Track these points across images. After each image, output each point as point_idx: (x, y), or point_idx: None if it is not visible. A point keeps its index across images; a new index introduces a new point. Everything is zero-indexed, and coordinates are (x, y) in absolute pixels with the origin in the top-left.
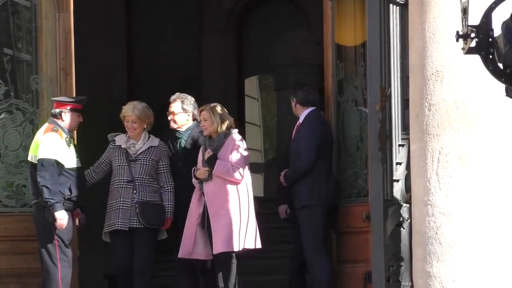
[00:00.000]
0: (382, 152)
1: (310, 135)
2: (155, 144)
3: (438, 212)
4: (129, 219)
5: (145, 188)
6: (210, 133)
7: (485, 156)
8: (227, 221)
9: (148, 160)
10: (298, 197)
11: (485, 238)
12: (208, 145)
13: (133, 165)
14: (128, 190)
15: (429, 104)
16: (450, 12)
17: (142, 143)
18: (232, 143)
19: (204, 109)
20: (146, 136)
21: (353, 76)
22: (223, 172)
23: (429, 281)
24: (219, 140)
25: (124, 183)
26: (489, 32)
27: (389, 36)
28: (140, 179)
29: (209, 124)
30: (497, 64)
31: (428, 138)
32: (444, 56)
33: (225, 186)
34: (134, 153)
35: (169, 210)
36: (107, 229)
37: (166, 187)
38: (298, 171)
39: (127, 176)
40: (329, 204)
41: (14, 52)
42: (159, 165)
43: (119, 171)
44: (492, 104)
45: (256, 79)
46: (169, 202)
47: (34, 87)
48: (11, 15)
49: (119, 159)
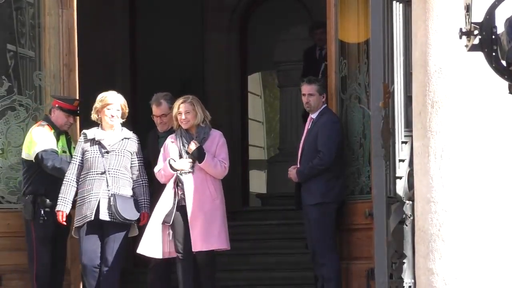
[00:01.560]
0: (385, 149)
1: (331, 132)
2: (129, 136)
3: (441, 209)
4: (101, 212)
5: (119, 180)
6: (191, 126)
7: (489, 153)
8: (209, 217)
9: (123, 152)
10: (312, 194)
11: (488, 236)
12: (189, 138)
13: (107, 156)
14: (101, 182)
15: (432, 101)
16: (453, 9)
17: (116, 135)
18: (217, 137)
19: (186, 101)
20: (119, 128)
21: (356, 73)
22: (211, 165)
23: (431, 278)
24: (205, 133)
25: (97, 175)
26: (492, 29)
27: (392, 33)
28: (113, 170)
29: (192, 116)
30: (500, 61)
31: (431, 135)
32: (447, 53)
33: (207, 181)
34: (109, 144)
35: (145, 204)
36: (78, 223)
37: (141, 181)
38: (318, 168)
39: (100, 168)
40: (340, 201)
41: (18, 48)
42: (133, 157)
43: (92, 163)
44: (495, 101)
45: (259, 76)
46: (144, 196)
47: (37, 83)
48: (15, 11)
49: (92, 151)
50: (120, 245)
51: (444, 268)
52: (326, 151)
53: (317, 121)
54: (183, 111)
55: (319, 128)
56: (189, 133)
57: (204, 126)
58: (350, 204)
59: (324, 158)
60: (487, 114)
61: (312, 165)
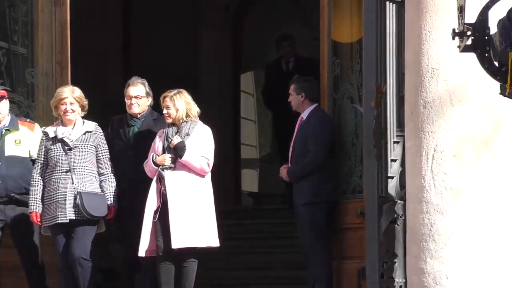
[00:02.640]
0: (377, 149)
1: (321, 132)
2: (90, 129)
3: (433, 209)
4: (69, 211)
5: (84, 177)
6: (174, 121)
7: (481, 153)
8: (189, 214)
9: (86, 147)
10: (303, 194)
11: (479, 236)
12: (172, 132)
13: (70, 154)
14: (67, 180)
15: (424, 101)
16: (446, 10)
17: (77, 130)
18: (201, 133)
19: (168, 96)
20: (80, 122)
21: (349, 73)
22: (192, 161)
23: (422, 278)
24: (188, 128)
25: (62, 173)
26: (485, 30)
27: (385, 33)
28: (79, 167)
29: (172, 112)
30: (493, 62)
31: (423, 135)
32: (440, 53)
33: (189, 177)
34: (71, 141)
35: (111, 198)
36: (48, 223)
37: (107, 174)
38: (308, 168)
39: (65, 166)
40: (331, 201)
41: (10, 45)
42: (98, 151)
43: (57, 161)
44: (487, 101)
45: (252, 75)
46: (110, 190)
47: (29, 80)
48: (8, 8)
49: (55, 149)
50: (89, 240)
51: (435, 267)
52: (316, 151)
53: (307, 121)
54: (165, 106)
55: (309, 128)
56: (178, 127)
57: (188, 121)
58: (342, 204)
59: (314, 157)
60: (479, 114)
61: (303, 164)
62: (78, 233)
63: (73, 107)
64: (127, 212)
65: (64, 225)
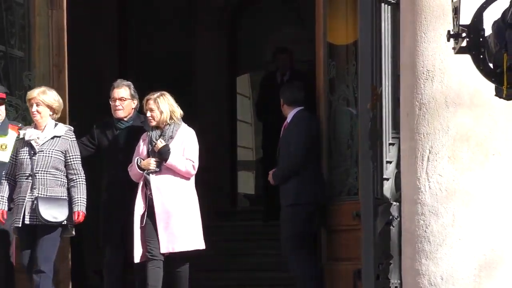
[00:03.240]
0: (373, 150)
1: (298, 136)
2: (60, 134)
3: (428, 211)
4: (26, 216)
5: (46, 182)
6: (158, 123)
7: (475, 155)
8: (176, 218)
9: (51, 152)
10: (286, 195)
11: (474, 237)
12: (156, 136)
13: (34, 158)
14: (28, 184)
15: (419, 103)
16: (441, 12)
17: (46, 133)
18: (185, 135)
19: (151, 98)
20: (51, 126)
21: (344, 75)
22: (178, 164)
23: (417, 279)
24: (172, 130)
25: (25, 177)
26: (480, 32)
27: (380, 35)
28: (41, 172)
29: (156, 114)
30: (488, 64)
31: (418, 137)
32: (435, 55)
33: (174, 180)
34: (37, 144)
35: (79, 203)
36: (12, 225)
37: (76, 180)
38: (288, 170)
39: (27, 170)
40: (315, 204)
41: (7, 49)
42: (67, 156)
43: (21, 164)
44: (481, 103)
45: (248, 77)
46: (79, 195)
47: (26, 83)
48: (4, 11)
49: (23, 151)
50: (50, 246)
51: (430, 268)
52: (294, 154)
53: (288, 125)
54: (148, 109)
55: (288, 132)
56: (161, 130)
57: (171, 124)
58: (337, 205)
59: (292, 160)
60: (474, 116)
61: (282, 167)
62: (39, 240)
63: (39, 109)
64: (116, 214)
65: (26, 229)
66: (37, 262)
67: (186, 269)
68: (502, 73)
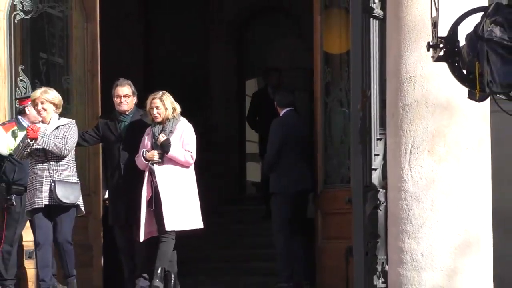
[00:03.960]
0: (363, 145)
1: (271, 134)
2: (63, 123)
3: (410, 197)
4: (44, 197)
5: (59, 166)
6: (162, 119)
7: (451, 149)
8: (178, 202)
9: (56, 138)
10: (270, 186)
11: (450, 219)
12: (159, 130)
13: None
14: (44, 170)
15: (403, 104)
16: (422, 26)
17: (51, 125)
18: (183, 129)
19: (156, 97)
20: (55, 118)
21: (338, 80)
22: (178, 155)
23: (401, 255)
24: (171, 125)
25: (40, 164)
26: (456, 43)
27: (369, 45)
28: (54, 158)
29: (162, 111)
30: (462, 70)
31: (402, 134)
32: (416, 63)
33: (176, 169)
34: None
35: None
36: (28, 208)
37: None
38: (265, 163)
39: (42, 157)
40: (291, 192)
41: (49, 56)
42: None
43: (35, 153)
44: (456, 105)
45: (255, 81)
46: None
47: (65, 86)
48: (46, 25)
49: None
50: (69, 222)
51: (412, 246)
52: (268, 150)
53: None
54: (154, 107)
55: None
56: (163, 125)
57: (172, 119)
58: (332, 192)
59: (267, 155)
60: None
61: (263, 161)
62: (58, 220)
63: (44, 106)
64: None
65: (43, 209)
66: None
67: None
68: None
